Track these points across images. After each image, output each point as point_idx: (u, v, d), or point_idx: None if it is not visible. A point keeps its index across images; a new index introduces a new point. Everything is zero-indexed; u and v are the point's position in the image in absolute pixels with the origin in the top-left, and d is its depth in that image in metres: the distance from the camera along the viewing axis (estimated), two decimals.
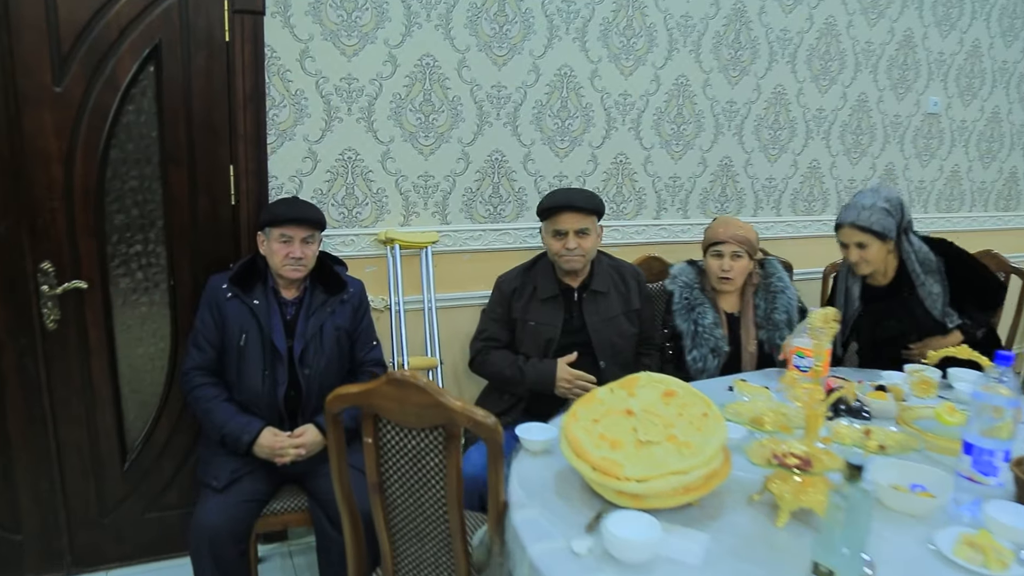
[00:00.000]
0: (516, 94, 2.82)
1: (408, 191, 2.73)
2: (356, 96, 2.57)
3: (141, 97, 2.29)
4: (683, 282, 2.62)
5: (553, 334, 2.48)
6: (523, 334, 2.52)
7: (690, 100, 3.18)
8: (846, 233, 2.51)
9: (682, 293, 2.60)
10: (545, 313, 2.50)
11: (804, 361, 1.88)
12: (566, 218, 2.42)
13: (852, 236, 2.50)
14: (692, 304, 2.57)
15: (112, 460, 2.47)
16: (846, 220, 2.51)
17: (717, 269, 2.56)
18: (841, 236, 2.54)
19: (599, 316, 2.50)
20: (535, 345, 2.49)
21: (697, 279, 2.63)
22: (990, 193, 4.23)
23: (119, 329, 2.42)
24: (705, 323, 2.53)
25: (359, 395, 1.55)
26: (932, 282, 2.55)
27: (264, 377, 2.18)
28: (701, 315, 2.55)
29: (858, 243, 2.50)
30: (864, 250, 2.49)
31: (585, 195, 2.47)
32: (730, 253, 2.54)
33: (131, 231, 2.37)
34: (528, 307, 2.51)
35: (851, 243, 2.51)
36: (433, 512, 1.61)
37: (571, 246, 2.42)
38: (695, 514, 1.51)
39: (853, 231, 2.49)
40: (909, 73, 3.71)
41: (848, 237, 2.51)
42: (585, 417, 1.60)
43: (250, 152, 2.43)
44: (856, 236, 2.50)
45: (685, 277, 2.63)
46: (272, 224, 2.18)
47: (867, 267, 2.54)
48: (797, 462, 1.42)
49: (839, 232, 2.54)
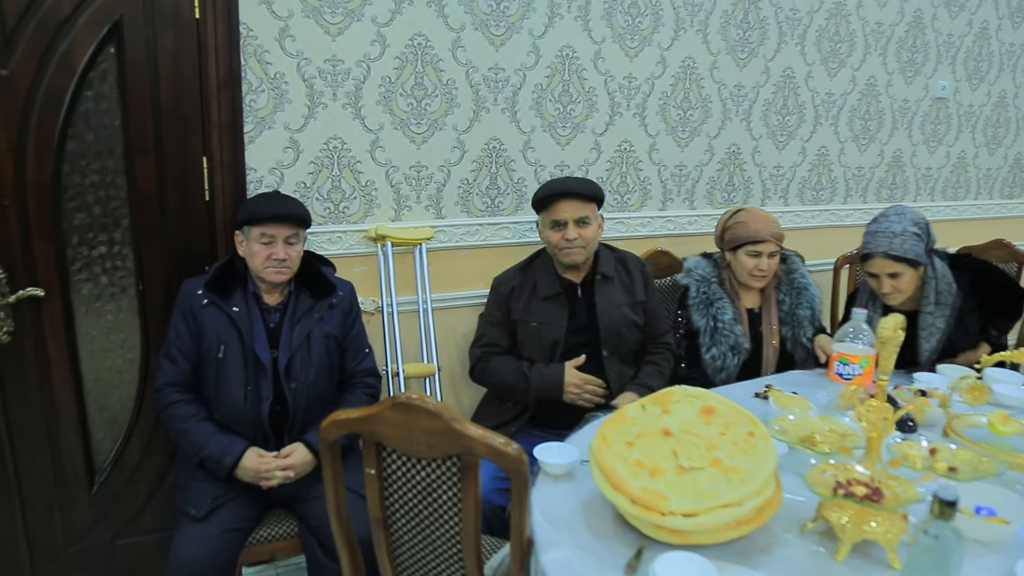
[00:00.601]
0: (515, 77, 2.61)
1: (399, 183, 2.52)
2: (342, 80, 2.35)
3: (101, 82, 2.05)
4: (699, 276, 2.46)
5: (558, 335, 2.30)
6: (525, 337, 2.33)
7: (697, 84, 2.99)
8: (878, 264, 2.28)
9: (699, 288, 2.43)
10: (547, 312, 2.32)
11: (848, 368, 1.71)
12: (564, 207, 2.27)
13: (885, 267, 2.28)
14: (711, 299, 2.41)
15: (78, 484, 2.24)
16: (877, 250, 2.27)
17: (753, 267, 2.38)
18: (871, 267, 2.31)
19: (609, 301, 2.34)
20: (539, 348, 2.31)
21: (714, 273, 2.46)
22: (995, 180, 4.10)
23: (82, 340, 2.18)
24: (725, 319, 2.37)
25: (359, 421, 1.35)
26: (939, 316, 2.35)
27: (246, 392, 1.97)
28: (720, 311, 2.38)
29: (891, 273, 2.28)
30: (897, 280, 2.27)
31: (582, 181, 2.33)
32: (768, 252, 2.37)
33: (93, 231, 2.14)
34: (528, 307, 2.33)
35: (883, 274, 2.29)
36: (446, 551, 1.42)
37: (571, 236, 2.26)
38: (744, 548, 1.33)
39: (886, 262, 2.26)
40: (918, 56, 3.56)
41: (880, 268, 2.28)
42: (617, 441, 1.41)
43: (225, 142, 2.20)
44: (889, 267, 2.27)
45: (701, 271, 2.47)
46: (251, 222, 1.96)
47: (899, 297, 2.32)
48: (866, 491, 1.25)
49: (869, 263, 2.31)
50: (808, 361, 2.42)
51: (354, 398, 2.14)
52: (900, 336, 1.29)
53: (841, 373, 1.73)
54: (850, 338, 1.73)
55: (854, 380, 1.71)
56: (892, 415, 1.29)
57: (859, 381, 1.70)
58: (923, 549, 1.08)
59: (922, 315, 2.34)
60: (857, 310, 1.75)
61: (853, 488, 1.25)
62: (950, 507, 1.06)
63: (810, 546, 1.34)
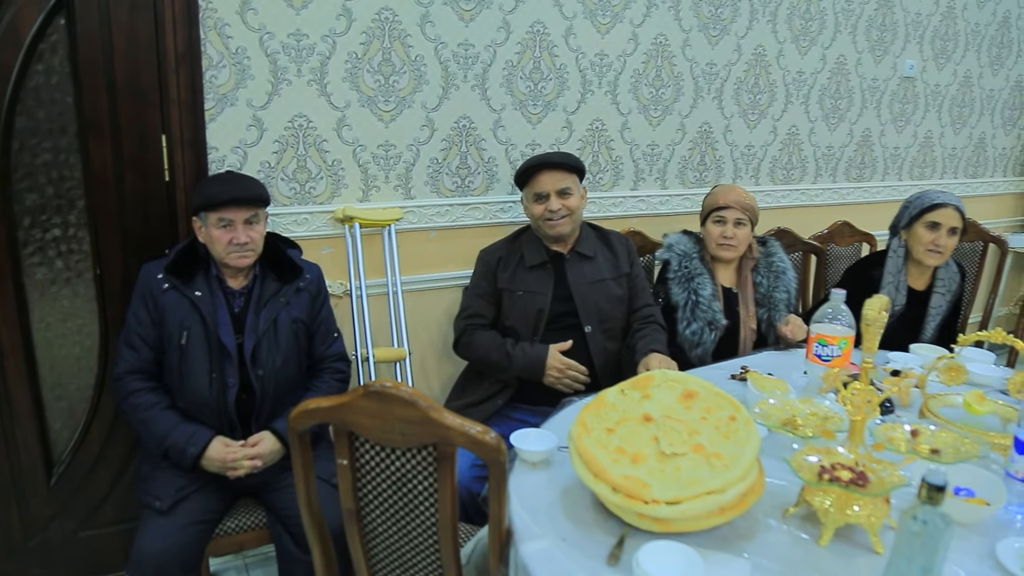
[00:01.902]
0: (485, 53, 2.55)
1: (367, 163, 2.44)
2: (306, 55, 2.26)
3: (51, 55, 1.94)
4: (681, 251, 2.46)
5: (544, 303, 2.30)
6: (511, 306, 2.32)
7: (669, 61, 2.95)
8: (949, 215, 2.37)
9: (681, 262, 2.44)
10: (534, 281, 2.32)
11: (827, 349, 1.70)
12: (544, 179, 2.29)
13: (953, 219, 2.38)
14: (691, 274, 2.41)
15: (36, 476, 2.15)
16: (951, 201, 2.38)
17: (718, 236, 2.41)
18: (939, 216, 2.38)
19: (584, 279, 2.33)
20: (524, 317, 2.30)
21: (696, 249, 2.47)
22: (960, 159, 4.15)
23: (37, 327, 2.09)
24: (704, 295, 2.37)
25: (330, 410, 1.30)
26: (945, 298, 2.50)
27: (211, 380, 1.90)
28: (700, 286, 2.39)
29: (952, 228, 2.38)
30: (953, 237, 2.38)
31: (562, 154, 2.39)
32: (733, 220, 2.41)
33: (46, 213, 2.04)
34: (515, 276, 2.34)
35: (947, 226, 2.38)
36: (421, 542, 1.38)
37: (554, 207, 2.28)
38: (726, 534, 1.31)
39: (957, 215, 2.38)
40: (887, 34, 3.56)
41: (949, 219, 2.38)
42: (597, 427, 1.37)
43: (185, 120, 2.10)
44: (956, 220, 2.39)
45: (683, 246, 2.48)
46: (206, 208, 1.87)
47: (940, 258, 2.42)
48: (851, 476, 1.23)
49: (937, 211, 2.38)
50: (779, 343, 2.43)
51: (323, 384, 2.08)
52: (884, 318, 1.28)
53: (819, 354, 1.71)
54: (828, 318, 1.72)
55: (833, 361, 1.69)
56: (876, 398, 1.28)
57: (838, 362, 1.69)
58: (911, 535, 1.06)
59: (934, 295, 2.47)
60: (836, 290, 1.73)
61: (838, 472, 1.24)
62: (939, 492, 1.04)
63: (793, 531, 1.33)
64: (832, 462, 1.28)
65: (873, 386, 1.33)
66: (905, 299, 2.48)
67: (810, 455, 1.31)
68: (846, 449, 1.32)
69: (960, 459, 1.28)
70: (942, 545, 1.06)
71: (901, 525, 1.09)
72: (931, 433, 1.39)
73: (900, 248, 2.48)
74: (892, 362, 2.09)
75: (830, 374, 1.37)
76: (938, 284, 2.49)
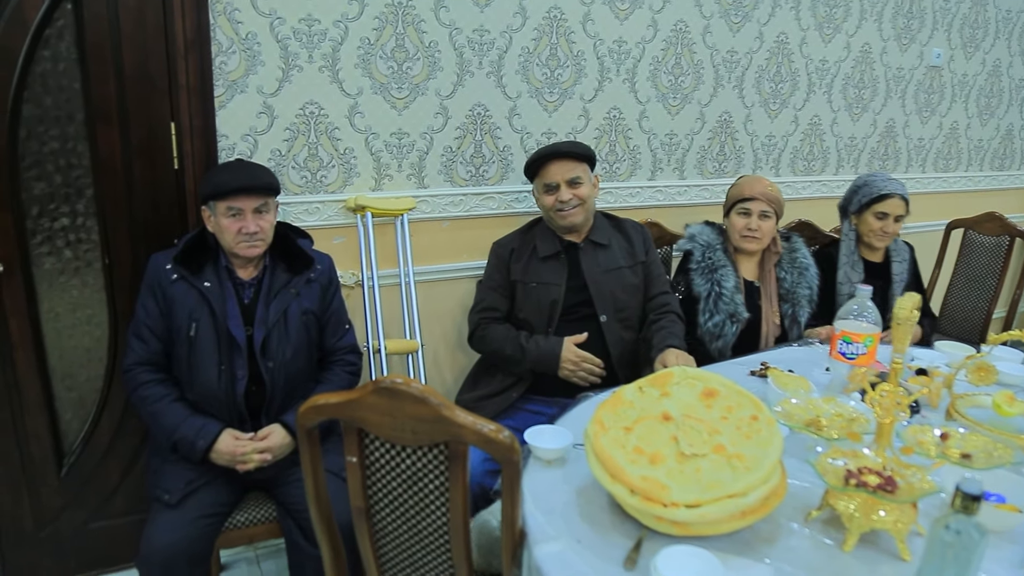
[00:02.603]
0: (500, 40, 2.49)
1: (380, 151, 2.40)
2: (318, 41, 2.22)
3: (58, 40, 1.91)
4: (704, 242, 2.43)
5: (557, 295, 2.25)
6: (524, 298, 2.28)
7: (689, 49, 2.88)
8: (895, 204, 2.54)
9: (704, 253, 2.40)
10: (547, 272, 2.27)
11: (851, 347, 1.64)
12: (554, 169, 2.25)
13: (899, 208, 2.54)
14: (714, 266, 2.37)
15: (47, 467, 2.14)
16: (896, 191, 2.53)
17: (743, 227, 2.38)
18: (887, 206, 2.54)
19: (599, 267, 2.28)
20: (538, 309, 2.26)
21: (719, 240, 2.43)
22: (987, 151, 4.05)
23: (46, 318, 2.07)
24: (727, 287, 2.33)
25: (339, 406, 1.26)
26: (903, 267, 2.68)
27: (220, 372, 1.87)
28: (723, 277, 2.35)
29: (898, 216, 2.54)
30: (899, 223, 2.54)
31: (570, 142, 2.34)
32: (759, 212, 2.37)
33: (55, 202, 2.01)
34: (528, 267, 2.29)
35: (894, 214, 2.54)
36: (432, 541, 1.34)
37: (564, 198, 2.23)
38: (748, 538, 1.27)
39: (902, 203, 2.54)
40: (914, 22, 3.46)
41: (895, 208, 2.54)
42: (615, 425, 1.33)
43: (194, 107, 2.07)
44: (902, 208, 2.55)
45: (706, 237, 2.44)
46: (215, 197, 1.84)
47: (889, 240, 2.62)
48: (879, 481, 1.18)
49: (885, 202, 2.54)
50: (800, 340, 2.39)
51: (334, 376, 2.05)
52: (916, 316, 1.22)
53: (844, 352, 1.66)
54: (854, 315, 1.66)
55: (858, 359, 1.64)
56: (906, 399, 1.22)
57: (863, 360, 1.64)
58: (943, 544, 1.02)
59: (894, 263, 2.67)
60: (862, 287, 1.67)
61: (865, 477, 1.19)
62: (974, 501, 0.99)
63: (816, 535, 1.28)
64: (859, 466, 1.23)
65: (902, 387, 1.28)
66: (862, 275, 2.61)
67: (836, 458, 1.26)
68: (873, 452, 1.27)
69: (993, 465, 1.22)
70: (976, 556, 1.01)
71: (932, 534, 1.05)
72: (961, 436, 1.34)
73: (851, 232, 2.65)
74: (917, 360, 2.02)
75: (857, 373, 1.31)
76: (893, 254, 2.68)
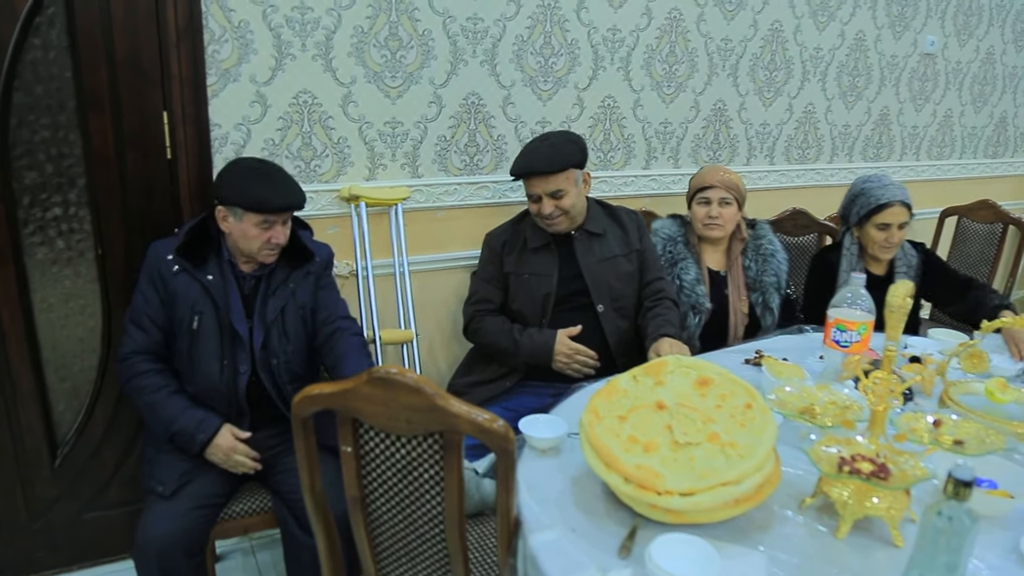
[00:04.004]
0: (494, 28, 2.48)
1: (374, 140, 2.39)
2: (311, 29, 2.20)
3: (48, 28, 1.89)
4: (665, 235, 2.43)
5: (549, 287, 2.23)
6: (517, 289, 2.27)
7: (683, 36, 2.87)
8: (896, 212, 2.34)
9: (665, 247, 2.40)
10: (539, 263, 2.26)
11: (845, 335, 1.65)
12: (535, 182, 2.19)
13: (901, 216, 2.36)
14: (675, 259, 2.38)
15: (40, 458, 2.14)
16: (896, 198, 2.33)
17: (704, 216, 2.38)
18: (887, 216, 2.35)
19: (595, 257, 2.26)
20: (530, 301, 2.25)
21: (681, 232, 2.44)
22: (980, 139, 4.05)
23: (39, 308, 2.06)
24: (687, 279, 2.34)
25: (334, 396, 1.26)
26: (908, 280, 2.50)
27: (223, 366, 1.86)
28: (683, 270, 2.36)
29: (902, 224, 2.36)
30: (903, 231, 2.37)
31: (550, 153, 2.16)
32: (718, 199, 2.37)
33: (47, 191, 2.00)
34: (520, 259, 2.27)
35: (896, 223, 2.36)
36: (427, 531, 1.34)
37: (546, 211, 2.19)
38: (742, 525, 1.27)
39: (903, 210, 2.35)
40: (908, 9, 3.46)
41: (896, 217, 2.35)
42: (609, 414, 1.33)
43: (187, 96, 2.06)
44: (904, 215, 2.36)
45: (668, 230, 2.45)
46: (251, 209, 1.79)
47: (894, 251, 2.43)
48: (872, 468, 1.19)
49: (884, 212, 2.35)
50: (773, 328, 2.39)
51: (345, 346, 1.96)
52: (908, 304, 1.23)
53: (838, 340, 1.66)
54: (848, 303, 1.67)
55: (851, 347, 1.64)
56: (899, 387, 1.23)
57: (856, 348, 1.64)
58: (935, 531, 1.02)
59: (896, 274, 2.48)
60: (856, 275, 1.68)
61: (859, 464, 1.19)
62: (966, 488, 1.00)
63: (810, 522, 1.29)
64: (852, 453, 1.24)
65: (895, 374, 1.28)
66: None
67: (829, 446, 1.27)
68: (866, 440, 1.27)
69: (985, 451, 1.23)
70: (968, 542, 1.02)
71: (925, 520, 1.05)
72: (954, 423, 1.35)
73: (853, 246, 2.49)
74: (911, 347, 2.03)
75: (851, 361, 1.32)
76: (898, 266, 2.50)
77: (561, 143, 2.21)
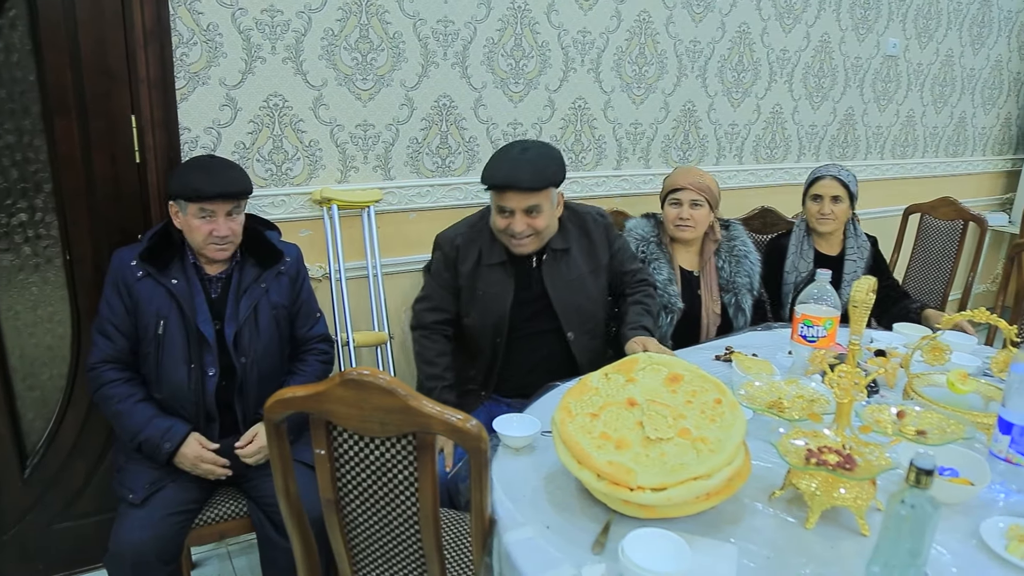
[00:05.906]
0: (465, 30, 2.49)
1: (345, 143, 2.39)
2: (281, 32, 2.19)
3: (11, 30, 1.86)
4: (639, 235, 2.44)
5: (502, 310, 2.07)
6: (471, 305, 2.10)
7: (652, 38, 2.91)
8: (827, 185, 2.60)
9: (638, 247, 2.41)
10: (494, 281, 2.08)
11: (812, 330, 1.68)
12: (510, 196, 1.97)
13: (832, 188, 2.59)
14: (647, 259, 2.39)
15: (9, 468, 2.10)
16: (828, 172, 2.61)
17: (675, 217, 2.40)
18: (819, 188, 2.61)
19: (561, 279, 2.10)
20: (484, 321, 2.09)
21: (654, 232, 2.45)
22: (941, 138, 4.14)
23: (5, 315, 2.03)
24: (659, 279, 2.35)
25: (307, 399, 1.26)
26: (859, 265, 2.68)
27: (190, 370, 1.85)
28: (656, 271, 2.37)
29: (835, 196, 2.59)
30: (836, 205, 2.59)
31: (535, 167, 1.97)
32: (689, 201, 2.38)
33: (12, 197, 1.97)
34: (476, 272, 2.09)
35: (828, 195, 2.60)
36: (402, 532, 1.35)
37: (518, 229, 1.99)
38: (712, 519, 1.30)
39: (835, 183, 2.59)
40: (871, 12, 3.53)
41: (827, 189, 2.60)
42: (581, 412, 1.35)
43: (156, 99, 2.04)
44: (836, 188, 2.59)
45: (641, 230, 2.45)
46: (187, 198, 1.80)
47: (832, 224, 2.63)
48: (838, 460, 1.21)
49: (817, 184, 2.62)
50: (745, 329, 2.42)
51: (307, 367, 2.04)
52: (871, 299, 1.26)
53: (805, 335, 1.70)
54: (814, 299, 1.70)
55: (818, 342, 1.68)
56: (863, 380, 1.26)
57: (823, 343, 1.68)
58: (899, 518, 1.05)
59: (847, 261, 2.67)
60: (821, 271, 1.71)
61: (825, 456, 1.22)
62: (927, 475, 1.03)
63: (779, 514, 1.31)
64: (819, 445, 1.27)
65: (860, 367, 1.31)
66: (811, 265, 2.65)
67: (797, 438, 1.29)
68: (833, 432, 1.30)
69: (946, 440, 1.27)
70: (930, 528, 1.05)
71: (889, 508, 1.08)
72: (917, 414, 1.38)
73: (801, 223, 2.72)
74: (876, 341, 2.08)
75: (816, 355, 1.35)
76: (849, 251, 2.69)
77: (545, 159, 2.02)
